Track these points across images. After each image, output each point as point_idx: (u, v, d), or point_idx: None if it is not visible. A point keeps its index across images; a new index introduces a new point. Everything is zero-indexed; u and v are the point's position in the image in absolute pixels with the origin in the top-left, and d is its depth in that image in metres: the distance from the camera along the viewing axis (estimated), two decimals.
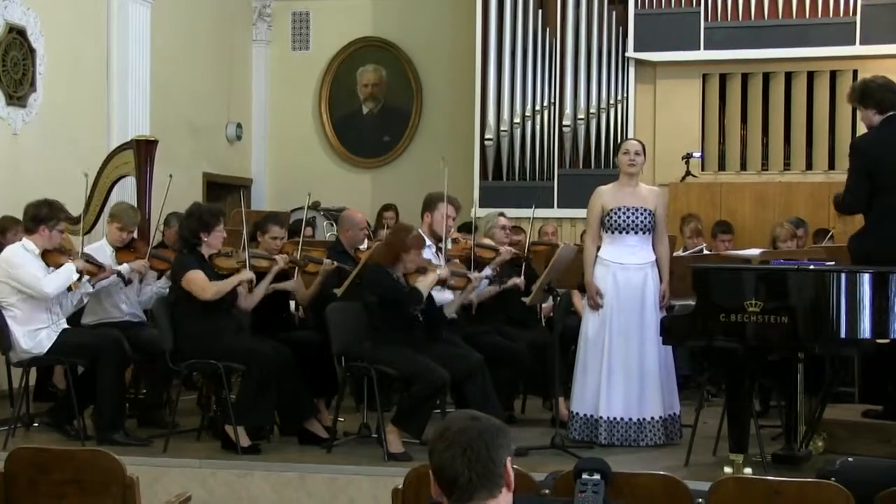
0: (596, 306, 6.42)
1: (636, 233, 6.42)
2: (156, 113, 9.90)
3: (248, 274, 6.43)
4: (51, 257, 6.59)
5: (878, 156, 5.91)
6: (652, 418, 6.39)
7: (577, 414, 6.48)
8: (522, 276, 7.16)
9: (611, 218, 6.42)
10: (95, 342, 6.48)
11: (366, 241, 7.50)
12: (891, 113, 5.94)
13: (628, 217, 6.40)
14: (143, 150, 7.98)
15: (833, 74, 10.00)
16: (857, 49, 9.77)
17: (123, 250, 7.04)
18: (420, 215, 7.06)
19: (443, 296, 6.71)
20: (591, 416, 6.43)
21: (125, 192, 8.38)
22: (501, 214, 7.62)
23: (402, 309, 6.20)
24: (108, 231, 7.19)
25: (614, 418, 6.37)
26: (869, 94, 6.00)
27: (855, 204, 6.04)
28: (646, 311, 6.38)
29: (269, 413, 6.39)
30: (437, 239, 6.89)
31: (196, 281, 6.28)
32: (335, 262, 6.95)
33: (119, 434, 6.39)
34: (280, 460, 6.12)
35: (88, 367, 6.52)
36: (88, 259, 6.70)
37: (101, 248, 7.04)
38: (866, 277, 5.31)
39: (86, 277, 6.64)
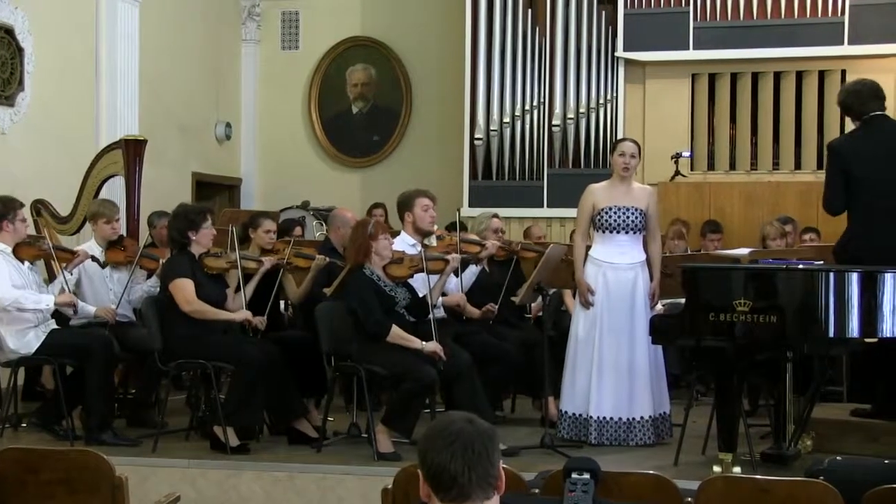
0: (587, 304, 6.43)
1: (627, 232, 6.43)
2: (145, 112, 9.89)
3: (243, 314, 6.43)
4: (23, 251, 6.58)
5: (852, 157, 5.98)
6: (641, 418, 6.40)
7: (567, 413, 6.49)
8: (510, 275, 7.15)
9: (602, 217, 6.42)
10: (84, 342, 6.47)
11: None
12: (866, 116, 6.02)
13: (619, 216, 6.40)
14: (132, 150, 7.96)
15: (821, 74, 10.03)
16: (845, 49, 9.80)
17: (113, 249, 7.02)
18: (400, 217, 7.03)
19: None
20: (581, 415, 6.44)
21: (114, 191, 8.37)
22: (495, 216, 7.59)
23: (386, 311, 6.20)
24: (95, 231, 7.15)
25: (604, 418, 6.38)
26: (846, 104, 6.13)
27: (833, 203, 6.12)
28: (636, 310, 6.39)
29: (258, 413, 6.39)
30: (423, 235, 6.87)
31: (182, 290, 6.26)
32: (327, 258, 6.96)
33: (108, 434, 6.37)
34: (269, 460, 6.11)
35: (77, 366, 6.50)
36: (58, 247, 6.70)
37: (89, 250, 7.01)
38: (854, 277, 5.33)
39: (62, 276, 6.65)
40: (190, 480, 5.93)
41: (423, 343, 6.14)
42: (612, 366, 6.38)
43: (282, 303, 7.39)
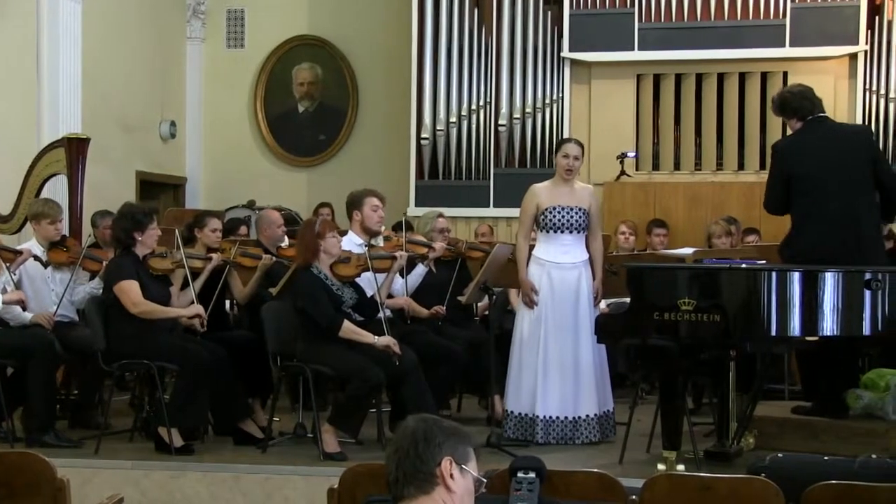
0: (531, 303, 6.45)
1: (570, 232, 6.46)
2: (88, 111, 9.76)
3: (194, 309, 6.38)
4: None
5: (796, 159, 6.06)
6: (587, 416, 6.43)
7: (513, 413, 6.51)
8: (456, 275, 7.17)
9: (545, 217, 6.45)
10: (25, 343, 6.37)
11: (286, 238, 7.45)
12: (809, 118, 6.10)
13: (563, 216, 6.44)
14: (75, 149, 7.87)
15: (764, 76, 10.14)
16: (787, 51, 9.93)
17: (55, 249, 6.93)
18: (348, 216, 7.02)
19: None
20: (527, 414, 6.46)
21: (56, 190, 8.26)
22: (440, 216, 7.60)
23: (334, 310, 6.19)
24: (37, 231, 7.02)
25: (550, 417, 6.41)
26: (787, 103, 6.19)
27: (772, 204, 6.23)
28: (580, 309, 6.42)
29: (202, 413, 6.34)
30: (370, 235, 6.87)
31: (128, 292, 6.19)
32: (273, 258, 6.93)
33: (49, 436, 6.29)
34: (214, 461, 6.07)
35: (18, 367, 6.41)
36: (1, 247, 6.61)
37: (31, 249, 6.90)
38: (796, 276, 5.40)
39: (6, 276, 6.55)
40: (133, 482, 5.87)
41: (376, 338, 6.14)
42: (557, 365, 6.41)
43: (227, 302, 7.34)
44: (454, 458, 2.58)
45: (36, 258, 6.74)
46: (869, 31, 9.79)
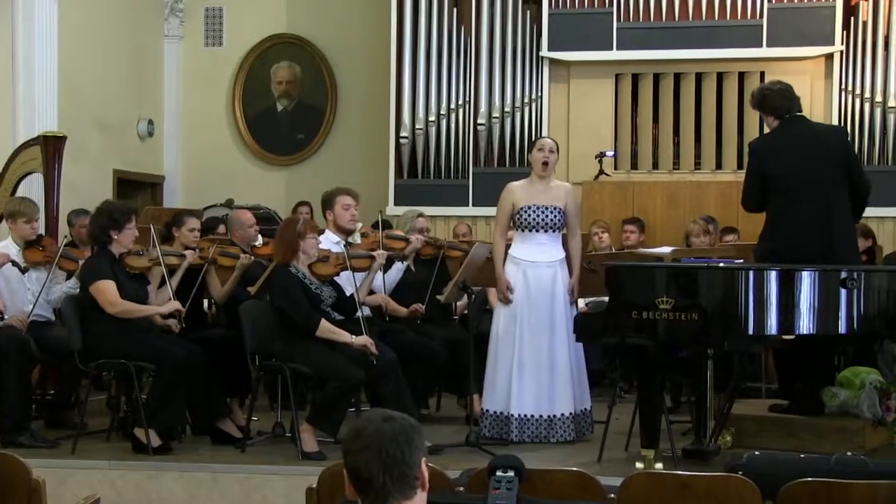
0: (506, 300, 6.46)
1: (546, 231, 6.47)
2: (64, 109, 9.70)
3: (172, 306, 6.36)
4: None
5: (771, 158, 6.09)
6: (562, 415, 6.44)
7: (488, 411, 6.52)
8: (435, 274, 7.17)
9: (521, 216, 6.47)
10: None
11: (259, 237, 7.44)
12: (786, 116, 6.13)
13: (538, 215, 6.45)
14: (51, 147, 7.83)
15: (741, 76, 10.19)
16: (764, 51, 9.99)
17: (31, 248, 6.88)
18: (323, 215, 7.03)
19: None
20: (502, 413, 6.47)
21: (32, 189, 8.21)
22: (420, 215, 7.59)
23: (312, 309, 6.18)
24: (13, 230, 6.97)
25: (525, 415, 6.42)
26: (766, 100, 6.22)
27: (749, 203, 6.26)
28: (556, 308, 6.43)
29: (180, 413, 6.31)
30: (345, 233, 6.87)
31: (105, 293, 6.15)
32: (252, 257, 6.92)
33: (25, 436, 6.25)
34: (192, 461, 6.05)
35: None
36: None
37: (6, 249, 6.86)
38: (773, 275, 5.43)
39: None
40: (110, 482, 5.85)
41: (353, 337, 6.14)
42: (532, 363, 6.42)
43: (205, 301, 7.32)
44: (425, 456, 2.56)
45: (14, 264, 6.69)
46: (845, 32, 9.86)
